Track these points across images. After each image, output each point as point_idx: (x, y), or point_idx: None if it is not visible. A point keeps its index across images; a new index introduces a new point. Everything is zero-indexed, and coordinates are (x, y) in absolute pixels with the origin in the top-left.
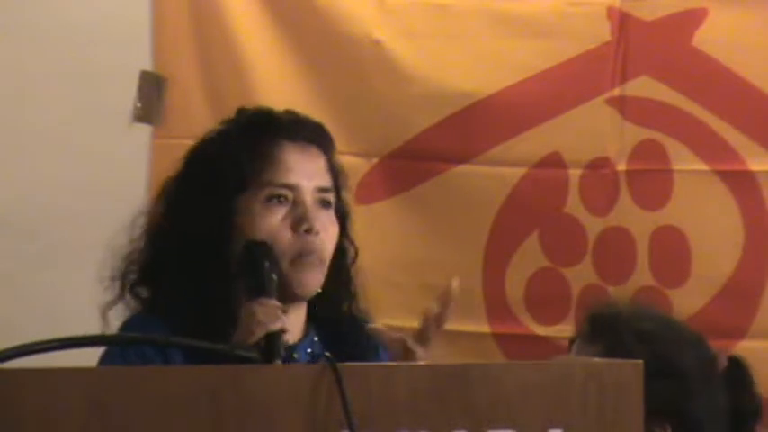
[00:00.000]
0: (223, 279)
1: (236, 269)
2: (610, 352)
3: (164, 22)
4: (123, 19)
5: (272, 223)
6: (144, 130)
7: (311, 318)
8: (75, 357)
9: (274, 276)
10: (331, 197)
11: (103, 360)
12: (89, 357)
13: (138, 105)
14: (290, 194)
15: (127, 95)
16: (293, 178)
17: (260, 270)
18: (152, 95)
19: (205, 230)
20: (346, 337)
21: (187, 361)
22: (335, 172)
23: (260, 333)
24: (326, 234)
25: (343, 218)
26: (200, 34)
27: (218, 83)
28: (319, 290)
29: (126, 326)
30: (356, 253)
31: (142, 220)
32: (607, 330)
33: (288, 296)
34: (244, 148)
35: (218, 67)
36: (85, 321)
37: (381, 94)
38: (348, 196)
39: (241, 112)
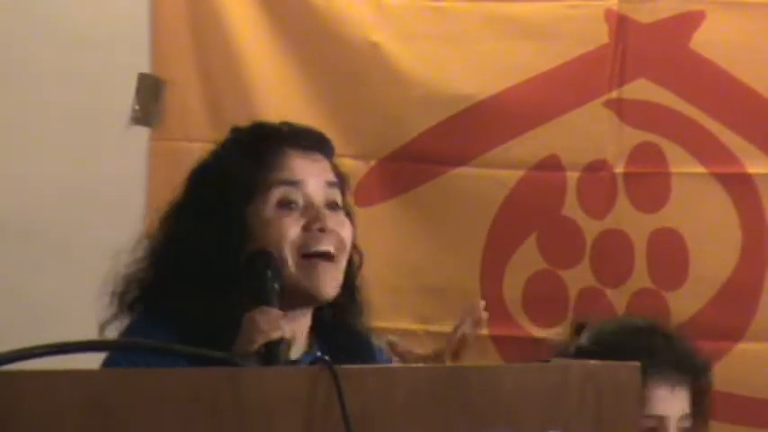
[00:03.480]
0: (238, 290)
1: (239, 278)
2: None
3: (162, 24)
4: (122, 21)
5: (284, 226)
6: (142, 133)
7: (316, 330)
8: (74, 361)
9: (276, 285)
10: (338, 196)
11: (108, 363)
12: (88, 361)
13: (137, 108)
14: (300, 199)
15: (125, 98)
16: (300, 176)
17: (262, 278)
18: (150, 98)
19: (218, 245)
20: (347, 352)
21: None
22: (340, 176)
23: (260, 341)
24: (342, 232)
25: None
26: (198, 37)
27: (216, 85)
28: (334, 293)
29: (129, 331)
30: (361, 260)
31: (145, 243)
32: None
33: (298, 300)
34: (248, 158)
35: (216, 69)
36: (84, 324)
37: (379, 96)
38: (350, 202)
39: (237, 129)
